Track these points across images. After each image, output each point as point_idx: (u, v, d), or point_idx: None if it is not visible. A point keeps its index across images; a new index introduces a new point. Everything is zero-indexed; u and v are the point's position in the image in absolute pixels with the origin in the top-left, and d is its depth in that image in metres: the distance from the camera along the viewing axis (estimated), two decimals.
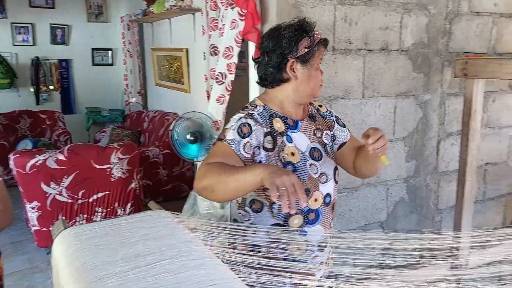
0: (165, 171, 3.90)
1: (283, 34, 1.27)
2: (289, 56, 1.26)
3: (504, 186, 2.71)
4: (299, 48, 1.26)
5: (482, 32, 2.39)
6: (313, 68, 1.30)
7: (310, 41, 1.27)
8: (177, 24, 4.12)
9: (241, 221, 1.33)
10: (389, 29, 2.08)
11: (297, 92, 1.31)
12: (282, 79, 1.29)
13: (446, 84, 2.32)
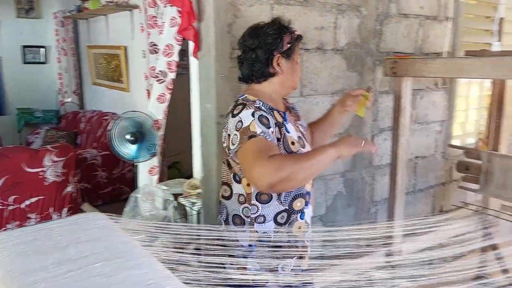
0: (104, 173, 3.77)
1: (267, 32, 1.39)
2: (275, 52, 1.38)
3: (432, 178, 2.91)
4: (283, 44, 1.39)
5: (409, 33, 2.54)
6: (294, 62, 1.44)
7: (291, 37, 1.42)
8: (114, 21, 3.99)
9: (246, 215, 1.39)
10: (324, 29, 2.15)
11: (283, 85, 1.44)
12: (269, 73, 1.40)
13: (377, 83, 2.45)
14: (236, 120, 1.34)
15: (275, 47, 1.39)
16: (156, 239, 1.35)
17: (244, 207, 1.40)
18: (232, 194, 1.44)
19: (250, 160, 1.26)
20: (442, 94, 2.84)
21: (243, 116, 1.32)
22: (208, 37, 1.82)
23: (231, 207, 1.45)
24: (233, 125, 1.34)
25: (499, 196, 2.35)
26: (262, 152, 1.24)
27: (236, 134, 1.31)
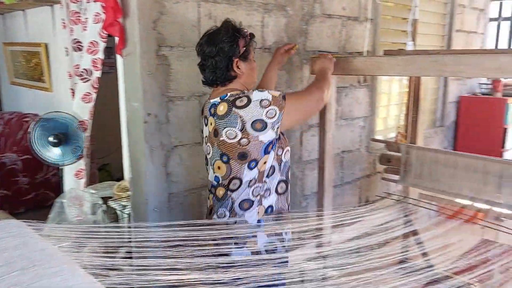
0: (26, 179, 3.53)
1: (223, 39, 1.54)
2: (234, 57, 1.55)
3: (358, 171, 3.06)
4: (240, 48, 1.56)
5: (333, 33, 2.65)
6: (251, 61, 1.63)
7: (245, 40, 1.59)
8: (33, 16, 3.74)
9: (255, 195, 1.58)
10: (252, 27, 2.18)
11: (246, 84, 1.63)
12: (231, 76, 1.57)
13: (305, 80, 2.53)
14: (255, 104, 1.48)
15: (232, 53, 1.55)
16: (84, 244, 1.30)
17: (255, 188, 1.58)
18: (242, 182, 1.57)
19: (301, 103, 1.60)
20: (364, 91, 2.99)
21: (259, 97, 1.49)
22: (133, 34, 1.77)
23: (239, 195, 1.58)
24: (257, 108, 1.48)
25: (417, 185, 2.54)
26: (300, 93, 1.75)
27: (271, 108, 1.48)
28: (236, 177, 1.57)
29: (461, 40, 3.93)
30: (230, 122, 1.50)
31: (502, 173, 2.18)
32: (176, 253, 1.40)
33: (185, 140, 2.01)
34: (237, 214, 1.59)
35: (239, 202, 1.59)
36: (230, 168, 1.56)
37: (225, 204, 1.61)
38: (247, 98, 1.49)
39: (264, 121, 1.48)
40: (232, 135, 1.51)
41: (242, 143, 1.51)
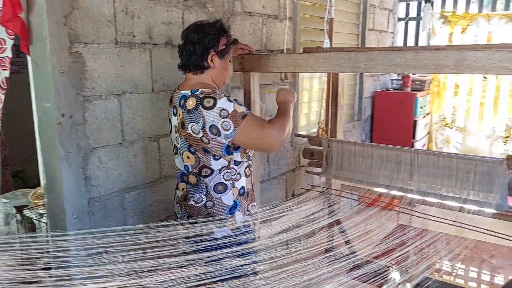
0: None
1: (207, 31, 1.66)
2: (211, 50, 1.66)
3: (284, 166, 3.14)
4: (219, 44, 1.68)
5: (255, 31, 2.68)
6: (226, 61, 1.74)
7: (227, 40, 1.71)
8: None
9: (227, 179, 1.70)
10: (172, 24, 2.13)
11: (216, 79, 1.73)
12: (203, 66, 1.67)
13: (229, 78, 2.53)
14: (216, 110, 1.57)
15: (211, 45, 1.66)
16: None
17: (225, 173, 1.69)
18: (213, 170, 1.68)
19: (259, 131, 1.62)
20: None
21: (222, 105, 1.57)
22: (42, 29, 1.65)
23: (212, 180, 1.70)
24: (216, 115, 1.57)
25: (338, 176, 2.66)
26: (262, 122, 1.66)
27: (226, 121, 1.57)
28: (205, 166, 1.68)
29: (373, 39, 4.19)
30: (195, 119, 1.61)
31: (413, 162, 2.36)
32: (98, 260, 1.37)
33: (105, 142, 1.92)
34: (214, 197, 1.71)
35: (213, 186, 1.70)
36: (198, 158, 1.68)
37: (200, 189, 1.72)
38: (214, 101, 1.58)
39: (219, 129, 1.58)
40: (196, 131, 1.62)
41: (203, 140, 1.62)
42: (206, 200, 1.72)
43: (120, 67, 1.94)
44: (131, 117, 2.02)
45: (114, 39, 1.90)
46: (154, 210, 2.20)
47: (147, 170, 2.13)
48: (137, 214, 2.11)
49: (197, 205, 1.74)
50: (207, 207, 1.72)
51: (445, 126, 4.46)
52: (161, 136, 2.18)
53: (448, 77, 4.38)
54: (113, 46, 1.89)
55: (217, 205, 1.72)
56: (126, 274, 1.28)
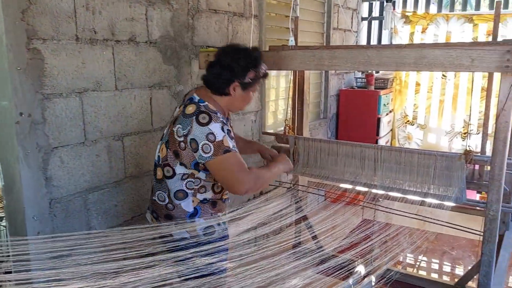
0: None
1: (239, 61, 1.67)
2: (236, 80, 1.66)
3: (252, 164, 3.14)
4: (246, 77, 1.68)
5: (220, 28, 2.68)
6: (248, 93, 1.74)
7: (256, 75, 1.70)
8: None
9: (190, 188, 1.69)
10: (135, 20, 2.10)
11: (232, 105, 1.74)
12: (223, 92, 1.69)
13: (195, 76, 2.52)
14: (205, 130, 1.58)
15: (238, 76, 1.67)
16: None
17: (188, 181, 1.68)
18: (175, 174, 1.68)
19: (233, 171, 1.60)
20: None
21: (213, 129, 1.58)
22: None
23: (174, 185, 1.69)
24: (203, 134, 1.58)
25: (304, 173, 2.69)
26: (241, 165, 1.62)
27: (209, 145, 1.57)
28: (170, 165, 1.69)
29: (338, 37, 4.26)
30: (184, 123, 1.62)
31: (376, 158, 2.42)
32: (60, 263, 1.33)
33: (66, 141, 1.87)
34: (173, 202, 1.71)
35: (174, 191, 1.70)
36: (168, 155, 1.69)
37: (162, 187, 1.73)
38: (208, 121, 1.59)
39: (198, 147, 1.60)
40: (179, 133, 1.63)
41: (180, 145, 1.64)
42: (167, 202, 1.73)
43: (82, 64, 1.89)
44: (93, 116, 1.97)
45: (74, 35, 1.84)
46: (119, 210, 2.16)
47: (111, 170, 2.09)
48: (101, 215, 2.06)
49: (159, 203, 1.75)
50: (168, 208, 1.73)
51: (407, 123, 4.60)
52: (126, 135, 2.14)
53: (410, 75, 4.51)
54: (73, 42, 1.84)
55: (177, 209, 1.72)
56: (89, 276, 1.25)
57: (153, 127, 2.30)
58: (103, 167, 2.05)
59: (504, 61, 1.44)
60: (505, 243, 2.22)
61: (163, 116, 2.35)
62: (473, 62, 1.49)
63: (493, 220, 1.66)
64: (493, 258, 1.69)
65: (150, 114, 2.28)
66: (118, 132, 2.10)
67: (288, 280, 1.54)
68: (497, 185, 1.61)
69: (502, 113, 1.51)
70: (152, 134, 2.30)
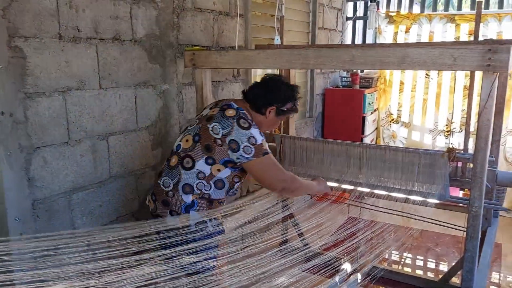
0: None
1: (285, 90, 1.92)
2: (274, 104, 1.88)
3: None
4: (284, 106, 1.91)
5: (206, 27, 2.67)
6: (278, 120, 1.97)
7: (292, 107, 1.94)
8: None
9: (199, 189, 1.78)
10: (119, 18, 2.08)
11: (260, 124, 1.89)
12: (259, 111, 1.90)
13: (180, 75, 2.50)
14: (247, 134, 1.76)
15: (278, 102, 1.89)
16: None
17: (200, 182, 1.78)
18: (194, 167, 1.78)
19: (272, 171, 1.82)
20: (240, 85, 3.08)
21: (254, 133, 1.77)
22: None
23: (187, 177, 1.79)
24: (245, 137, 1.75)
25: (291, 171, 2.69)
26: (278, 165, 1.84)
27: (250, 147, 1.75)
28: (192, 157, 1.79)
29: (323, 37, 4.29)
30: (224, 124, 1.78)
31: (362, 156, 2.44)
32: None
33: (49, 141, 1.84)
34: (177, 191, 1.79)
35: (184, 183, 1.79)
36: (194, 147, 1.79)
37: (173, 175, 1.81)
38: (248, 126, 1.78)
39: (239, 148, 1.75)
40: (216, 131, 1.78)
41: (216, 141, 1.76)
42: (170, 189, 1.81)
43: (65, 63, 1.86)
44: (77, 115, 1.95)
45: (57, 33, 1.82)
46: (103, 211, 2.13)
47: (95, 169, 2.07)
48: (86, 216, 2.04)
49: (162, 188, 1.83)
50: (168, 195, 1.81)
51: (391, 121, 4.65)
52: (110, 135, 2.12)
53: (394, 75, 4.56)
54: (56, 40, 1.81)
55: (176, 198, 1.80)
56: (73, 276, 1.23)
57: (138, 126, 2.28)
58: (87, 167, 2.03)
59: (485, 60, 1.47)
60: (487, 239, 2.26)
61: (148, 115, 2.33)
62: (455, 61, 1.51)
63: (476, 217, 1.69)
64: (476, 254, 1.72)
65: (135, 113, 2.26)
66: (102, 131, 2.08)
67: (275, 278, 1.54)
68: (479, 182, 1.64)
69: (483, 111, 1.54)
70: (137, 134, 2.28)
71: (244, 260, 1.95)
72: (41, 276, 1.17)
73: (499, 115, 2.31)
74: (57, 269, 1.21)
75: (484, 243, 2.19)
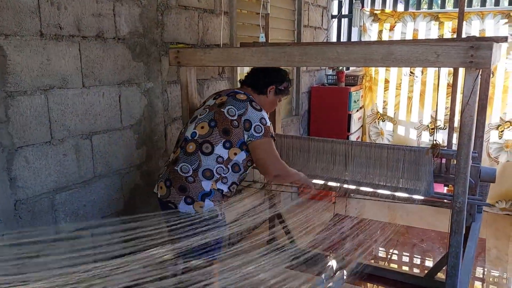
0: None
1: (281, 73, 2.14)
2: (274, 84, 2.10)
3: None
4: (282, 85, 2.13)
5: (190, 25, 2.65)
6: (276, 100, 2.17)
7: (287, 86, 2.17)
8: None
9: (218, 173, 1.90)
10: (102, 16, 2.05)
11: (263, 107, 2.03)
12: (261, 91, 2.09)
13: (165, 73, 2.48)
14: (260, 114, 1.94)
15: (276, 81, 2.10)
16: None
17: (219, 167, 1.89)
18: (213, 152, 1.89)
19: (271, 155, 1.95)
20: (225, 83, 3.07)
21: (265, 115, 1.96)
22: None
23: (207, 162, 1.89)
24: (258, 117, 1.92)
25: None
26: (277, 153, 1.99)
27: (261, 126, 1.91)
28: (210, 142, 1.90)
29: (309, 35, 4.30)
30: (239, 106, 1.94)
31: (347, 153, 2.45)
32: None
33: (31, 140, 1.80)
34: (197, 177, 1.88)
35: (204, 168, 1.88)
36: (211, 132, 1.91)
37: (192, 161, 1.90)
38: (260, 110, 1.97)
39: (251, 126, 1.91)
40: (232, 113, 1.92)
41: (233, 123, 1.90)
42: (190, 175, 1.88)
43: (46, 61, 1.83)
44: (60, 114, 1.91)
45: (39, 31, 1.78)
46: (88, 211, 2.10)
47: (79, 169, 2.03)
48: (69, 216, 2.01)
49: (180, 173, 1.90)
50: (188, 181, 1.88)
51: (378, 119, 4.68)
52: (94, 133, 2.09)
53: (379, 73, 4.60)
54: (38, 38, 1.78)
55: (196, 184, 1.88)
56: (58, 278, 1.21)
57: (122, 125, 2.25)
58: (70, 167, 1.99)
59: (468, 56, 1.48)
60: (471, 234, 2.29)
61: (132, 114, 2.30)
62: (438, 58, 1.52)
63: (460, 212, 1.71)
64: (461, 249, 1.75)
65: (119, 111, 2.23)
66: (86, 130, 2.05)
67: (262, 276, 1.54)
68: (463, 178, 1.66)
69: (466, 107, 1.56)
70: (122, 132, 2.25)
71: (231, 258, 1.95)
72: (24, 279, 1.15)
73: (482, 111, 2.34)
74: (42, 272, 1.19)
75: (468, 238, 2.22)
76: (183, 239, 1.65)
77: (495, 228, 3.70)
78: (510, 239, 3.58)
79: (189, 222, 1.71)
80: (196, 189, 1.87)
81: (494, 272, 3.05)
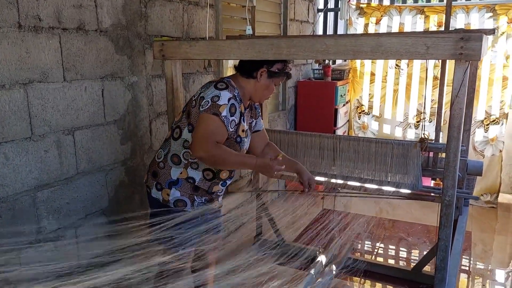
0: None
1: None
2: (265, 66, 1.85)
3: None
4: (273, 67, 1.86)
5: (175, 18, 2.59)
6: (271, 83, 1.90)
7: (282, 68, 1.88)
8: None
9: (185, 158, 1.81)
10: (83, 7, 1.98)
11: (255, 92, 1.89)
12: (250, 75, 1.86)
13: (149, 66, 2.42)
14: (215, 92, 1.74)
15: (267, 63, 1.85)
16: None
17: (185, 152, 1.81)
18: (181, 137, 1.82)
19: (204, 132, 1.69)
20: (211, 77, 3.02)
21: (222, 95, 1.73)
22: None
23: (175, 148, 1.83)
24: (211, 94, 1.73)
25: None
26: (213, 134, 1.69)
27: (209, 102, 1.71)
28: (180, 127, 1.83)
29: (295, 29, 4.26)
30: (204, 87, 1.82)
31: (335, 147, 2.43)
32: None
33: (11, 136, 1.74)
34: (167, 163, 1.84)
35: (172, 154, 1.84)
36: (182, 117, 1.85)
37: (164, 147, 1.88)
38: (222, 88, 1.76)
39: (201, 104, 1.73)
40: (196, 95, 1.81)
41: (192, 103, 1.80)
42: (161, 160, 1.86)
43: (25, 54, 1.76)
44: (40, 109, 1.85)
45: (17, 22, 1.71)
46: (71, 208, 2.04)
47: (61, 166, 1.97)
48: (52, 214, 1.95)
49: (155, 159, 1.90)
50: (159, 166, 1.87)
51: (362, 113, 4.68)
52: (77, 129, 2.03)
53: (365, 66, 4.59)
54: (16, 30, 1.71)
55: (165, 170, 1.84)
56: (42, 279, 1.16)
57: (106, 120, 2.19)
58: (52, 163, 1.93)
59: (458, 48, 1.47)
60: (459, 227, 2.30)
61: (116, 109, 2.24)
62: (428, 50, 1.51)
63: (449, 206, 1.71)
64: (449, 243, 1.74)
65: (102, 106, 2.17)
66: (68, 125, 1.99)
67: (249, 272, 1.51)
68: (452, 171, 1.65)
69: (456, 100, 1.55)
70: (105, 128, 2.19)
71: (219, 255, 1.92)
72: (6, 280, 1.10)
73: (469, 105, 2.35)
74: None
75: (456, 231, 2.23)
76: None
77: (480, 221, 3.75)
78: (495, 232, 3.63)
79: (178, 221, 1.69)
80: (165, 175, 1.84)
81: (480, 265, 3.08)
